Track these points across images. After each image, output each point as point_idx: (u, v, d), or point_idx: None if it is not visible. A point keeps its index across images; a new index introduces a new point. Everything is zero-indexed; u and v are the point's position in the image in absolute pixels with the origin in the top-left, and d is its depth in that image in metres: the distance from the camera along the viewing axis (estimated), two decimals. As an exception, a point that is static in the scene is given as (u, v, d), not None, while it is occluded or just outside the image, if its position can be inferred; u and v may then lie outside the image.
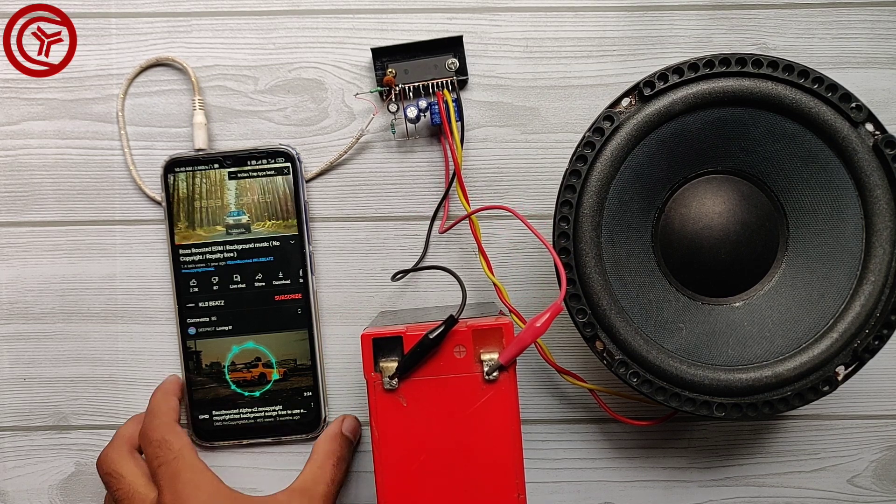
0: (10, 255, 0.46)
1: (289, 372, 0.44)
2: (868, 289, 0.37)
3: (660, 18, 0.45)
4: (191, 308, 0.44)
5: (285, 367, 0.44)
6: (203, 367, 0.44)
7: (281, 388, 0.44)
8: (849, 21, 0.45)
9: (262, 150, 0.44)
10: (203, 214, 0.44)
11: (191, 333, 0.44)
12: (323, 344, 0.45)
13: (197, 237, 0.44)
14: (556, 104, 0.45)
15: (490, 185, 0.45)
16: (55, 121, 0.45)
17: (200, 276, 0.44)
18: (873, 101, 0.44)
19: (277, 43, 0.45)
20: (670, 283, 0.39)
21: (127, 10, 0.45)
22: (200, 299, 0.44)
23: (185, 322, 0.44)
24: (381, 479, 0.34)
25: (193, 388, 0.45)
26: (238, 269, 0.44)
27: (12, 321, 0.46)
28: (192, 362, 0.44)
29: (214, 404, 0.45)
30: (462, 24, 0.45)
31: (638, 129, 0.37)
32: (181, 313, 0.44)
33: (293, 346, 0.44)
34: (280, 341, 0.44)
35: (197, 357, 0.44)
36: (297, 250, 0.44)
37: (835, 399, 0.45)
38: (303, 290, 0.44)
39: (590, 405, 0.45)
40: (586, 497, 0.45)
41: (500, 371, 0.34)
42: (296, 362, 0.44)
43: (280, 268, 0.44)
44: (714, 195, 0.39)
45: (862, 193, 0.37)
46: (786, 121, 0.37)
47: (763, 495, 0.45)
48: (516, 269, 0.45)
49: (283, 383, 0.44)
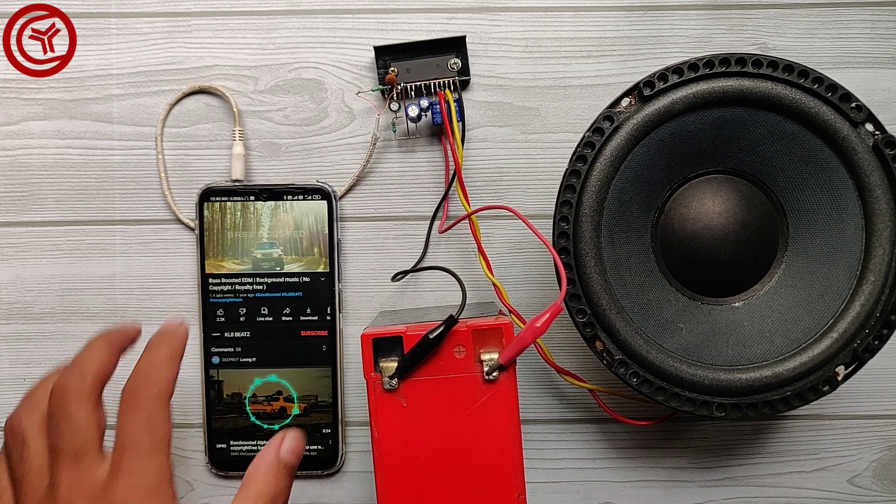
0: (10, 255, 0.46)
1: (309, 408, 0.44)
2: (868, 289, 0.37)
3: (660, 18, 0.45)
4: (216, 337, 0.44)
5: (306, 403, 0.44)
6: (224, 397, 0.44)
7: (300, 423, 0.44)
8: (849, 21, 0.45)
9: (298, 186, 0.44)
10: (235, 245, 0.44)
11: (214, 363, 0.44)
12: (345, 382, 0.45)
13: (227, 268, 0.44)
14: (556, 104, 0.45)
15: (490, 185, 0.45)
16: (55, 121, 0.45)
17: (228, 306, 0.44)
18: (873, 101, 0.44)
19: (277, 43, 0.45)
20: (670, 283, 0.39)
21: (127, 10, 0.45)
22: (226, 329, 0.44)
23: (210, 351, 0.44)
24: (381, 479, 0.34)
25: (213, 417, 0.45)
26: (266, 303, 0.44)
27: (12, 321, 0.46)
28: (213, 391, 0.44)
29: (233, 434, 0.45)
30: (462, 24, 0.45)
31: (638, 129, 0.37)
32: (206, 342, 0.44)
33: (315, 383, 0.44)
34: (303, 377, 0.44)
35: (219, 386, 0.44)
36: (326, 287, 0.44)
37: (835, 399, 0.45)
38: (329, 328, 0.44)
39: (590, 405, 0.45)
40: (586, 497, 0.45)
41: (500, 371, 0.34)
42: (317, 399, 0.44)
43: (308, 304, 0.44)
44: (714, 195, 0.39)
45: (862, 193, 0.37)
46: (786, 121, 0.37)
47: (763, 495, 0.45)
48: (516, 269, 0.45)
49: (303, 418, 0.44)
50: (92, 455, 0.32)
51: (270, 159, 0.45)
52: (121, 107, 0.45)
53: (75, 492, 0.31)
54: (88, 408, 0.32)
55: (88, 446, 0.32)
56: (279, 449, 0.35)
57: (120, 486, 0.31)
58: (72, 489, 0.31)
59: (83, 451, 0.32)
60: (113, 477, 0.31)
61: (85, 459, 0.32)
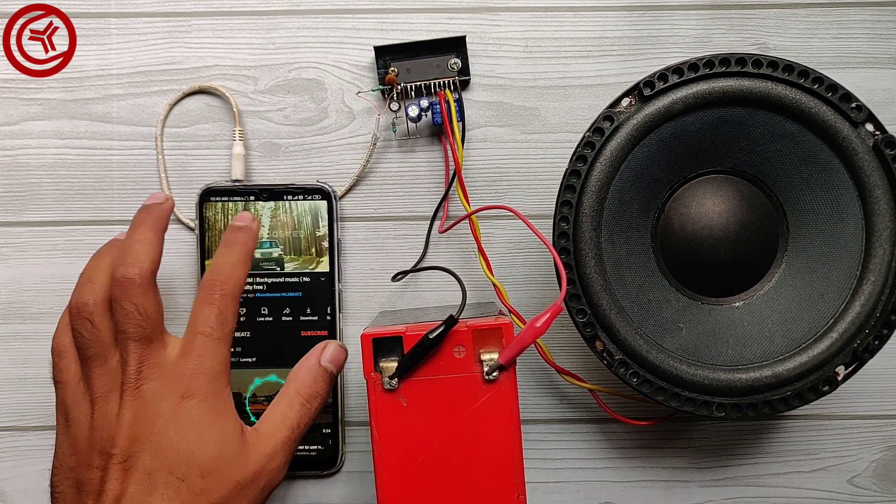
0: (9, 255, 0.46)
1: None
2: (868, 289, 0.37)
3: (660, 18, 0.45)
4: None
5: None
6: None
7: None
8: (849, 21, 0.45)
9: (298, 186, 0.44)
10: None
11: None
12: (345, 383, 0.45)
13: None
14: (556, 104, 0.45)
15: (490, 185, 0.45)
16: (54, 121, 0.45)
17: None
18: (873, 101, 0.44)
19: (277, 43, 0.45)
20: (670, 283, 0.39)
21: (127, 10, 0.45)
22: None
23: None
24: (381, 479, 0.34)
25: None
26: (266, 303, 0.44)
27: (10, 321, 0.46)
28: None
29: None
30: (462, 24, 0.45)
31: (638, 129, 0.37)
32: None
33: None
34: None
35: None
36: (326, 288, 0.44)
37: (835, 399, 0.45)
38: (329, 328, 0.44)
39: (590, 405, 0.45)
40: (586, 497, 0.45)
41: (500, 371, 0.34)
42: None
43: (308, 304, 0.44)
44: (714, 195, 0.39)
45: (862, 193, 0.37)
46: (786, 121, 0.37)
47: (763, 495, 0.45)
48: (516, 269, 0.45)
49: None
50: (160, 337, 0.35)
51: (270, 159, 0.45)
52: (121, 107, 0.45)
53: (147, 369, 0.35)
54: (151, 297, 0.36)
55: (156, 330, 0.35)
56: (320, 356, 0.39)
57: (190, 365, 0.35)
58: (144, 366, 0.35)
59: (152, 335, 0.35)
60: (184, 356, 0.35)
61: (155, 342, 0.35)
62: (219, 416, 0.35)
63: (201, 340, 0.35)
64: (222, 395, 0.35)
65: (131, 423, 0.34)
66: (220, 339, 0.36)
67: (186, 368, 0.35)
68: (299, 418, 0.37)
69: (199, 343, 0.35)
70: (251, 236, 0.39)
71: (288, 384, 0.38)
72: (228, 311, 0.36)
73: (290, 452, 0.37)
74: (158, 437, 0.34)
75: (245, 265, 0.38)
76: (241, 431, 0.35)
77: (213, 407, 0.35)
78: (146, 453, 0.33)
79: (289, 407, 0.37)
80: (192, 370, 0.35)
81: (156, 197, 0.39)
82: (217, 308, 0.36)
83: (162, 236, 0.38)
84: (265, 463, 0.35)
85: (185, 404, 0.34)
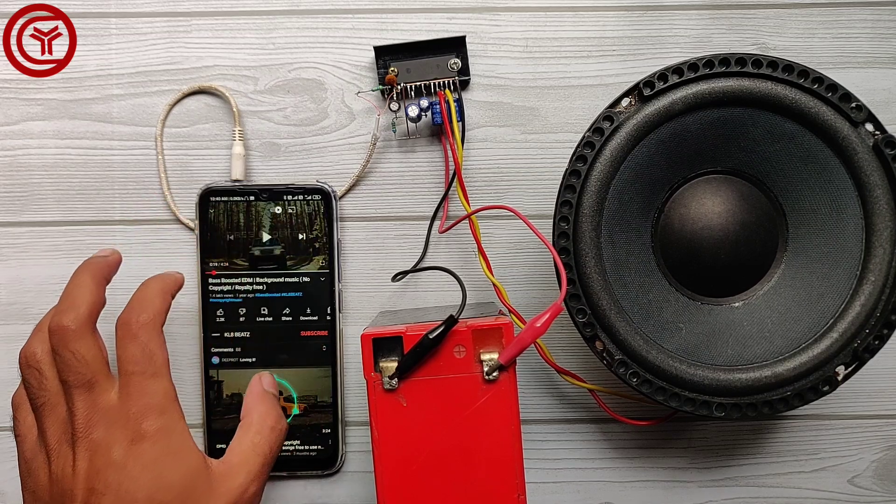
0: (9, 255, 0.46)
1: (309, 408, 0.44)
2: (868, 289, 0.37)
3: (659, 18, 0.45)
4: (216, 337, 0.44)
5: (306, 403, 0.44)
6: (224, 398, 0.44)
7: (300, 424, 0.44)
8: (849, 21, 0.45)
9: (299, 186, 0.44)
10: (235, 245, 0.44)
11: (214, 363, 0.44)
12: (345, 382, 0.45)
13: (227, 268, 0.44)
14: (556, 104, 0.45)
15: (490, 185, 0.45)
16: (54, 121, 0.45)
17: (228, 306, 0.44)
18: (873, 101, 0.44)
19: (277, 43, 0.45)
20: (670, 283, 0.39)
21: (127, 10, 0.45)
22: (226, 330, 0.44)
23: (210, 351, 0.44)
24: (381, 479, 0.34)
25: (213, 417, 0.44)
26: (266, 303, 0.44)
27: (10, 322, 0.46)
28: (213, 392, 0.44)
29: (232, 435, 0.44)
30: (462, 24, 0.45)
31: (638, 130, 0.37)
32: (206, 342, 0.44)
33: (315, 383, 0.44)
34: (302, 377, 0.44)
35: (219, 387, 0.44)
36: (326, 287, 0.44)
37: (835, 399, 0.45)
38: (329, 328, 0.44)
39: (590, 405, 0.45)
40: (586, 497, 0.45)
41: (499, 371, 0.34)
42: (317, 399, 0.44)
43: (308, 304, 0.44)
44: (714, 195, 0.39)
45: (862, 193, 0.37)
46: (785, 121, 0.37)
47: (763, 495, 0.45)
48: (516, 269, 0.45)
49: (303, 419, 0.44)
50: (102, 382, 0.34)
51: (270, 159, 0.45)
52: (121, 107, 0.45)
53: (94, 415, 0.34)
54: (88, 341, 0.35)
55: (97, 375, 0.34)
56: (261, 385, 0.40)
57: (133, 406, 0.34)
58: (89, 413, 0.34)
59: (93, 381, 0.34)
60: (125, 399, 0.34)
61: (97, 387, 0.34)
62: (176, 454, 0.34)
63: (136, 380, 0.34)
64: (176, 430, 0.35)
65: (87, 475, 0.33)
66: (155, 373, 0.35)
67: (131, 410, 0.34)
68: (271, 444, 0.37)
69: (135, 382, 0.34)
70: (171, 276, 0.39)
71: (247, 415, 0.38)
72: (152, 344, 0.35)
73: (263, 481, 0.37)
74: (114, 486, 0.33)
75: (163, 297, 0.37)
76: (206, 465, 0.35)
77: (167, 445, 0.34)
78: (107, 503, 0.33)
79: (258, 434, 0.37)
80: (137, 411, 0.34)
81: (102, 251, 0.39)
82: (139, 343, 0.35)
83: (101, 282, 0.37)
84: (240, 494, 0.35)
85: (138, 448, 0.33)
